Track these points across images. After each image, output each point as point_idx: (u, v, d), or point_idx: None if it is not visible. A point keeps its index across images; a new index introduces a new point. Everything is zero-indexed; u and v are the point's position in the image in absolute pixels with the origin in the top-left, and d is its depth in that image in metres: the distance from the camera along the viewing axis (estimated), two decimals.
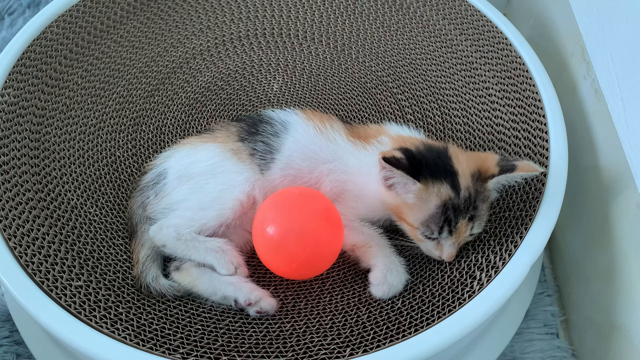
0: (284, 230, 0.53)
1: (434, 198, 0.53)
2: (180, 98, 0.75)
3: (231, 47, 0.81)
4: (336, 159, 0.59)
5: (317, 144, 0.59)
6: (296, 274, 0.56)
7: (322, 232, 0.53)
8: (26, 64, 0.68)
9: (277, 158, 0.58)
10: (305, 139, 0.59)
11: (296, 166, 0.59)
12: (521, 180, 0.58)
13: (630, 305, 0.59)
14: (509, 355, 0.68)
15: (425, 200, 0.53)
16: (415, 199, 0.53)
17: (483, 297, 0.51)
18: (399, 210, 0.55)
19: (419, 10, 0.81)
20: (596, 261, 0.66)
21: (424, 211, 0.53)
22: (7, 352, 0.66)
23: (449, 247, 0.54)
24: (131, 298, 0.53)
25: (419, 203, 0.53)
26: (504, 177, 0.54)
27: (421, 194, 0.53)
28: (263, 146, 0.59)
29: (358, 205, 0.58)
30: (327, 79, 0.78)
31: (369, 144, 0.59)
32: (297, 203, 0.55)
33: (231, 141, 0.59)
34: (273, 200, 0.55)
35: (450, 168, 0.54)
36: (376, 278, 0.54)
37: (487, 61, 0.73)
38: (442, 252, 0.54)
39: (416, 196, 0.53)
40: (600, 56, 0.65)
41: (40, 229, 0.56)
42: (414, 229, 0.55)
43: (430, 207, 0.53)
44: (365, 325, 0.52)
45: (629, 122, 0.59)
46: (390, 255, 0.55)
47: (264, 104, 0.75)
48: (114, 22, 0.78)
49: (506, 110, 0.68)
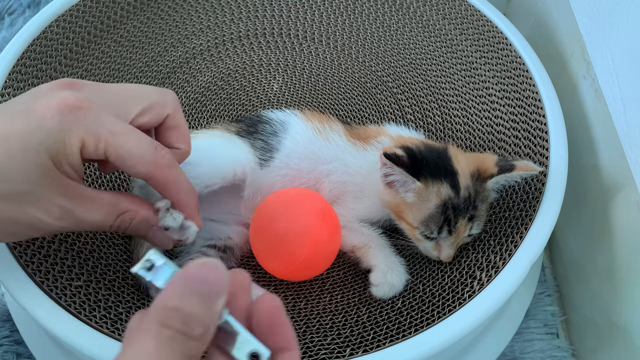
0: (281, 231, 0.53)
1: (433, 197, 0.53)
2: (180, 98, 0.75)
3: (231, 47, 0.81)
4: (336, 160, 0.59)
5: (316, 145, 0.59)
6: (294, 275, 0.56)
7: (320, 233, 0.53)
8: (26, 64, 0.68)
9: (275, 157, 0.58)
10: (304, 139, 0.59)
11: (294, 166, 0.59)
12: (520, 180, 0.59)
13: (630, 305, 0.59)
14: (509, 355, 0.68)
15: (425, 199, 0.53)
16: (415, 198, 0.53)
17: (483, 297, 0.51)
18: (399, 209, 0.55)
19: (419, 10, 0.81)
20: (596, 261, 0.66)
21: (423, 210, 0.53)
22: (8, 351, 0.66)
23: (447, 248, 0.54)
24: (131, 298, 0.53)
25: (419, 202, 0.53)
26: (503, 177, 0.54)
27: (421, 193, 0.53)
28: (262, 144, 0.59)
29: (358, 206, 0.58)
30: (327, 79, 0.78)
31: (369, 144, 0.59)
32: (294, 204, 0.55)
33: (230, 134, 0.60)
34: (270, 201, 0.55)
35: (450, 168, 0.54)
36: (377, 278, 0.54)
37: (487, 61, 0.73)
38: (440, 252, 0.55)
39: (416, 195, 0.53)
40: (600, 56, 0.65)
41: None
42: (413, 229, 0.55)
43: (430, 207, 0.53)
44: (365, 325, 0.52)
45: (629, 122, 0.59)
46: (390, 256, 0.55)
47: (264, 104, 0.75)
48: (114, 22, 0.78)
49: (506, 110, 0.68)
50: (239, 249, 0.58)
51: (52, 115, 0.39)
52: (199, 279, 0.29)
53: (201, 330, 0.29)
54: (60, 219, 0.41)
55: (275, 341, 0.33)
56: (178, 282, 0.29)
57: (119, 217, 0.44)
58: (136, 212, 0.45)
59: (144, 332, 0.28)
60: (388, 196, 0.55)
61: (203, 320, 0.29)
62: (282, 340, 0.33)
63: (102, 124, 0.40)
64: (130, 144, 0.41)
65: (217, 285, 0.30)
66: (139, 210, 0.45)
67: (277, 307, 0.34)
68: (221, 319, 0.30)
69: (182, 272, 0.30)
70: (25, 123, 0.39)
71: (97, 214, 0.43)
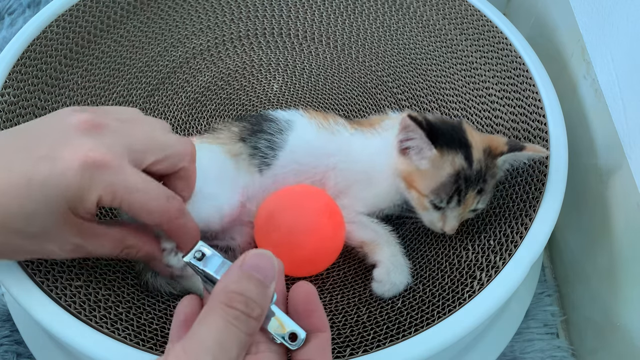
0: (286, 227, 0.53)
1: (447, 166, 0.54)
2: (180, 98, 0.75)
3: (231, 47, 0.81)
4: (341, 151, 0.59)
5: (320, 139, 0.60)
6: (299, 271, 0.56)
7: (325, 229, 0.54)
8: (26, 63, 0.68)
9: (280, 155, 0.58)
10: (309, 134, 0.60)
11: (300, 161, 0.59)
12: (527, 161, 0.60)
13: (630, 305, 0.59)
14: (509, 355, 0.68)
15: (439, 167, 0.54)
16: (429, 166, 0.55)
17: (483, 297, 0.51)
18: (411, 177, 0.56)
19: (419, 10, 0.81)
20: (596, 261, 0.66)
21: (436, 179, 0.54)
22: (8, 351, 0.66)
23: (452, 219, 0.55)
24: (131, 298, 0.53)
25: (432, 170, 0.55)
26: (512, 156, 0.56)
27: (435, 161, 0.54)
28: (266, 143, 0.59)
29: (367, 194, 0.59)
30: (327, 79, 0.78)
31: (374, 128, 0.61)
32: (300, 199, 0.55)
33: (232, 142, 0.59)
34: (276, 197, 0.56)
35: (465, 140, 0.55)
36: (380, 275, 0.54)
37: (487, 61, 0.73)
38: (444, 223, 0.56)
39: (430, 163, 0.55)
40: (600, 56, 0.65)
41: None
42: (422, 197, 0.55)
43: (443, 175, 0.54)
44: (365, 325, 0.52)
45: (629, 122, 0.59)
46: (397, 255, 0.55)
47: (264, 103, 0.75)
48: (114, 22, 0.78)
49: (506, 110, 0.68)
50: (240, 250, 0.58)
51: (75, 169, 0.41)
52: (256, 266, 0.34)
53: (259, 311, 0.33)
54: (72, 252, 0.45)
55: (310, 323, 0.37)
56: (236, 270, 0.34)
57: (124, 250, 0.48)
58: (141, 247, 0.48)
59: (212, 312, 0.33)
60: (402, 164, 0.56)
61: (260, 303, 0.33)
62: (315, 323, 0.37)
63: (120, 181, 0.43)
64: (144, 199, 0.44)
65: (269, 272, 0.34)
66: (144, 246, 0.48)
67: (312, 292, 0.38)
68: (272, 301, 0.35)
69: (238, 261, 0.35)
70: (48, 171, 0.41)
71: (105, 248, 0.47)
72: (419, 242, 0.61)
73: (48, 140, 0.43)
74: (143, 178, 0.44)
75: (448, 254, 0.58)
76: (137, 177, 0.44)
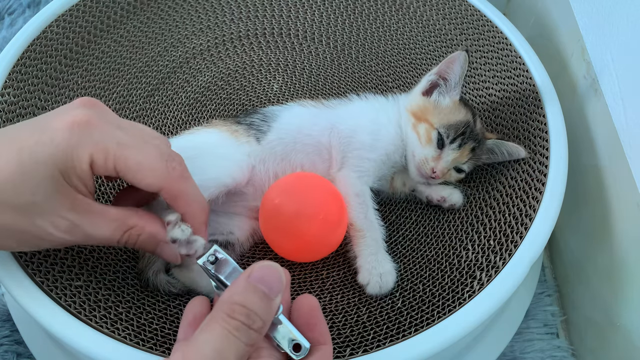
0: (292, 211, 0.53)
1: (462, 114, 0.62)
2: (180, 98, 0.75)
3: (231, 47, 0.81)
4: (338, 118, 0.63)
5: (314, 113, 0.64)
6: (304, 255, 0.57)
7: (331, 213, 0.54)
8: (26, 63, 0.68)
9: (273, 126, 0.61)
10: (302, 111, 0.64)
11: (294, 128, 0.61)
12: (506, 155, 0.63)
13: (630, 305, 0.59)
14: (509, 355, 0.68)
15: (456, 111, 0.62)
16: (449, 104, 0.62)
17: (483, 297, 0.51)
18: (426, 112, 0.62)
19: (419, 10, 0.81)
20: (596, 261, 0.66)
21: (450, 117, 0.61)
22: (8, 351, 0.66)
23: (444, 162, 0.60)
24: (131, 298, 0.53)
25: (450, 110, 0.62)
26: (498, 142, 0.62)
27: (455, 105, 0.62)
28: (260, 116, 0.62)
29: (372, 153, 0.61)
30: (327, 79, 0.78)
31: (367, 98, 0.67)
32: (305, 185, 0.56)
33: (228, 125, 0.61)
34: (282, 181, 0.56)
35: (474, 109, 0.64)
36: (364, 278, 0.55)
37: (487, 61, 0.73)
38: (437, 163, 0.60)
39: (452, 103, 0.62)
40: (600, 56, 0.65)
41: None
42: (431, 129, 0.60)
43: (458, 118, 0.61)
44: (366, 325, 0.52)
45: (629, 122, 0.59)
46: (377, 252, 0.56)
47: (264, 103, 0.75)
48: (114, 22, 0.78)
49: (506, 110, 0.68)
50: (239, 245, 0.58)
51: (62, 129, 0.40)
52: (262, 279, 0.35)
53: (260, 324, 0.34)
54: (68, 233, 0.42)
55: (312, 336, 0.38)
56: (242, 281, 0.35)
57: (126, 233, 0.44)
58: (143, 227, 0.45)
59: (213, 321, 0.34)
60: (420, 101, 0.63)
61: (263, 315, 0.34)
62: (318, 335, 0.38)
63: (110, 138, 0.41)
64: (140, 155, 0.42)
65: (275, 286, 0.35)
66: (146, 225, 0.45)
67: (315, 306, 0.39)
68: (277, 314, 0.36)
69: (246, 272, 0.35)
70: (38, 137, 0.40)
71: (104, 229, 0.43)
72: (419, 242, 0.61)
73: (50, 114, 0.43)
74: (136, 138, 0.43)
75: (448, 254, 0.58)
76: (129, 136, 0.42)
